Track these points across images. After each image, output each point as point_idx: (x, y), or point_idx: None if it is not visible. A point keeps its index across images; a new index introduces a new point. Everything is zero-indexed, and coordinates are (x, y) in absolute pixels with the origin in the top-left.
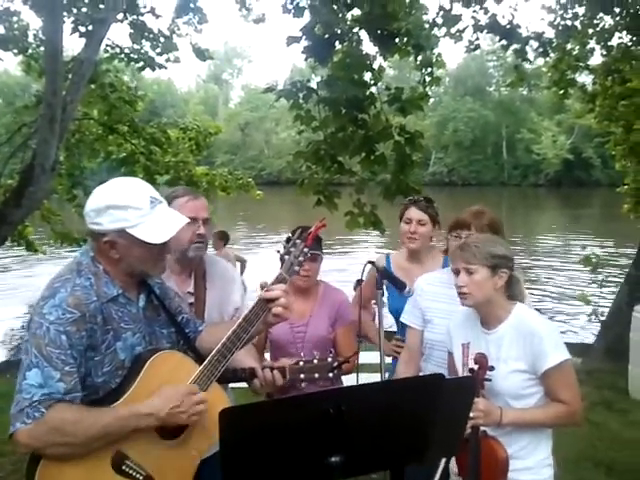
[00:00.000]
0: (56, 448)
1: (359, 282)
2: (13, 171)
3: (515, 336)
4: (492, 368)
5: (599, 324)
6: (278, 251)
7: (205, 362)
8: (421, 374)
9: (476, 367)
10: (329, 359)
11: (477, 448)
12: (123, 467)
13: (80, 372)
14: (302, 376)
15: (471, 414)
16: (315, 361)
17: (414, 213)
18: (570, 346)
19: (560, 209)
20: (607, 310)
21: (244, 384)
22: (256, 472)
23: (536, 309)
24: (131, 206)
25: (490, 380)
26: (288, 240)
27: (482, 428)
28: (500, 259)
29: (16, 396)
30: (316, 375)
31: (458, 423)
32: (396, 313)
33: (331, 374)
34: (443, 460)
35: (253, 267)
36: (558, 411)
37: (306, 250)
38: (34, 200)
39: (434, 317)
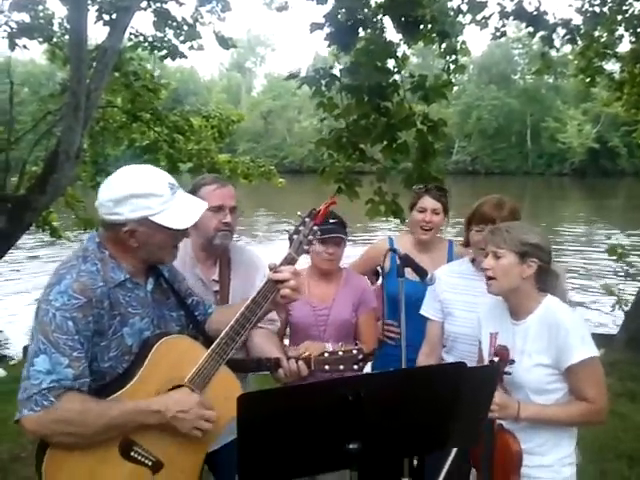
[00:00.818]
0: (63, 437)
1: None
2: (38, 158)
3: (541, 328)
4: (512, 362)
5: (623, 314)
6: (287, 231)
7: (213, 345)
8: None
9: (496, 359)
10: (354, 351)
11: (491, 441)
12: (132, 453)
13: (87, 357)
14: (327, 367)
15: None
16: (340, 353)
17: (428, 202)
18: (593, 337)
19: (585, 199)
20: (631, 300)
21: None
22: (273, 458)
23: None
24: (153, 194)
25: (510, 374)
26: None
27: (499, 421)
28: (531, 247)
29: (23, 382)
30: (341, 367)
31: (479, 412)
32: (392, 296)
33: (356, 366)
34: (454, 450)
35: (275, 255)
36: (581, 409)
37: (315, 228)
38: (58, 187)
39: (455, 309)
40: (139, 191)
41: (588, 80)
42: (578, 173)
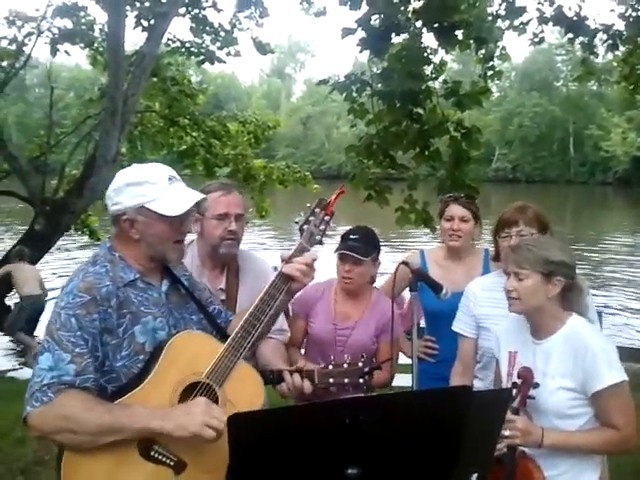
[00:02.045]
0: (64, 435)
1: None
2: (80, 162)
3: (566, 350)
4: (537, 385)
5: None
6: (297, 222)
7: (229, 339)
8: (481, 384)
9: (519, 382)
10: (360, 364)
11: (512, 469)
12: (152, 453)
13: (96, 356)
14: (331, 380)
15: (508, 433)
16: (345, 365)
17: (456, 210)
18: (629, 351)
19: (629, 208)
20: None
21: None
22: None
23: (596, 313)
24: (148, 181)
25: (533, 398)
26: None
27: (521, 448)
28: (556, 265)
29: (30, 382)
30: (346, 380)
31: (490, 438)
32: (428, 310)
33: (362, 380)
34: (474, 476)
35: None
36: (606, 437)
37: (327, 218)
38: (95, 190)
39: (492, 324)
40: (135, 179)
41: (631, 87)
42: (622, 182)
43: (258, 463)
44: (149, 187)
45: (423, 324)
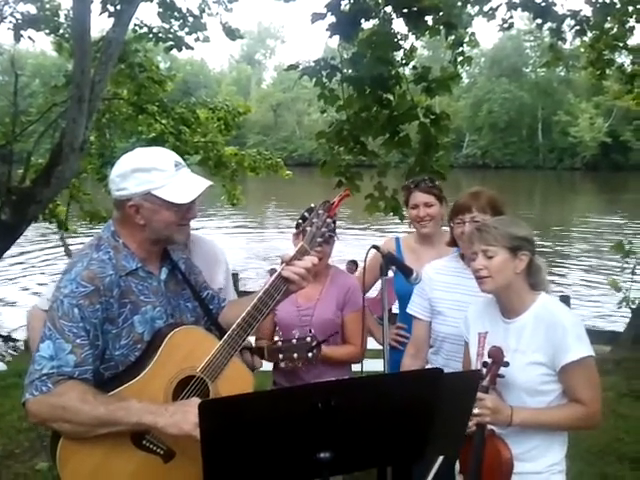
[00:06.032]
0: (60, 424)
1: (352, 263)
2: (46, 150)
3: (538, 326)
4: (507, 364)
5: (629, 312)
6: (298, 223)
7: (225, 337)
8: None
9: (489, 361)
10: (308, 339)
11: (480, 447)
12: (143, 442)
13: (96, 346)
14: (281, 356)
15: (477, 411)
16: (294, 341)
17: (419, 197)
18: (599, 334)
19: (596, 193)
20: (638, 298)
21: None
22: (240, 468)
23: (564, 296)
24: (156, 168)
25: (503, 377)
26: (310, 211)
27: (490, 427)
28: (521, 240)
29: (30, 367)
30: (295, 355)
31: (460, 419)
32: (401, 295)
33: (310, 354)
34: (440, 457)
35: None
36: (575, 412)
37: (329, 221)
38: (62, 179)
39: (445, 309)
40: (142, 165)
41: (598, 73)
42: (590, 167)
43: (230, 450)
44: (156, 174)
45: (397, 310)
